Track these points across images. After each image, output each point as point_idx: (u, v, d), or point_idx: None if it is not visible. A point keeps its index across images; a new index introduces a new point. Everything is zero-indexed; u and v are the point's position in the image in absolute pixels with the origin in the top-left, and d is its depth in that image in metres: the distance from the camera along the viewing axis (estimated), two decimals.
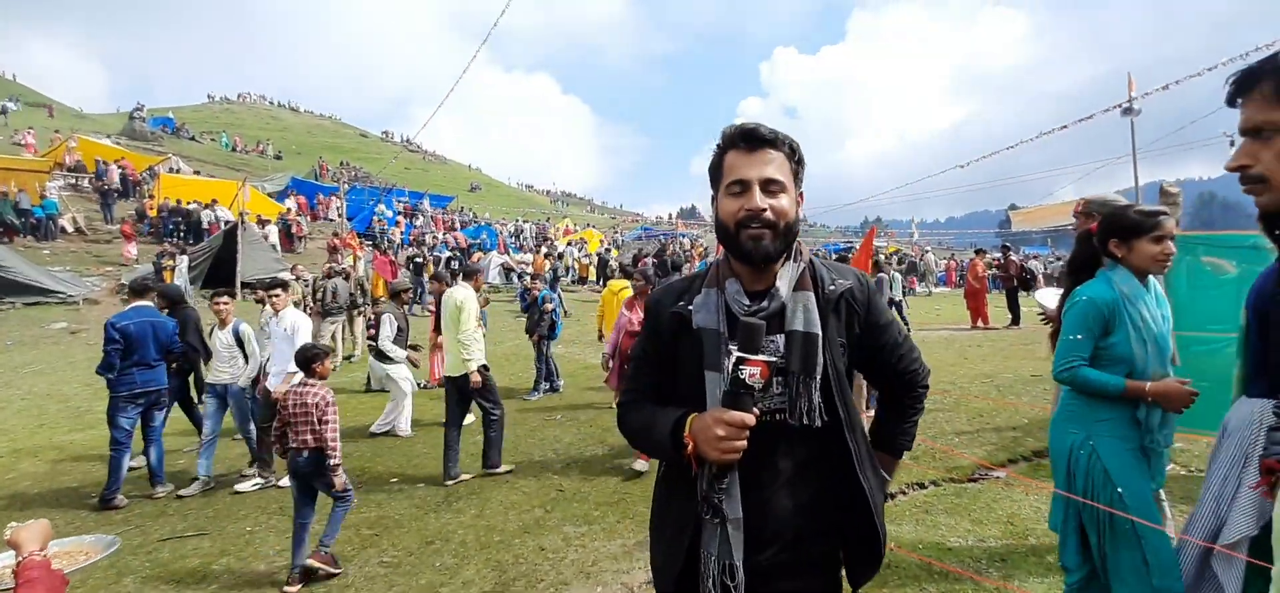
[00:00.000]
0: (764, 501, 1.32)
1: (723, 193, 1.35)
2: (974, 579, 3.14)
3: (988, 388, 7.55)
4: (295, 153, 50.34)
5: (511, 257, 24.21)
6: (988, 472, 4.61)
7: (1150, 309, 2.17)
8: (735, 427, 1.18)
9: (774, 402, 1.30)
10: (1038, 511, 3.93)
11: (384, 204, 28.19)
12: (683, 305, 1.40)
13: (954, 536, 3.65)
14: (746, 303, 1.34)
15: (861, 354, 1.44)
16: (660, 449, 1.38)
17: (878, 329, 1.44)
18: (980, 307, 13.79)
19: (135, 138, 37.40)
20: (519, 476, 5.25)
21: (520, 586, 3.52)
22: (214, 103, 69.69)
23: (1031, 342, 10.54)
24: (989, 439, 5.50)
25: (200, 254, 16.26)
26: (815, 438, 1.32)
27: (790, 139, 1.35)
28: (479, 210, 40.26)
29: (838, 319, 1.38)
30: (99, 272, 18.20)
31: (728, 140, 1.36)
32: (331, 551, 3.73)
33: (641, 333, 1.55)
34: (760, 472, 1.31)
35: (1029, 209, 31.62)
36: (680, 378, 1.39)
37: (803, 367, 1.30)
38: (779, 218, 1.30)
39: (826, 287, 1.37)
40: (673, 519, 1.39)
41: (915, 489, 4.39)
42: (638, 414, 1.47)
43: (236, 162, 39.03)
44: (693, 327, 1.36)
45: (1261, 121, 1.03)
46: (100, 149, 26.87)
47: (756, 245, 1.29)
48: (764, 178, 1.30)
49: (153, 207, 21.95)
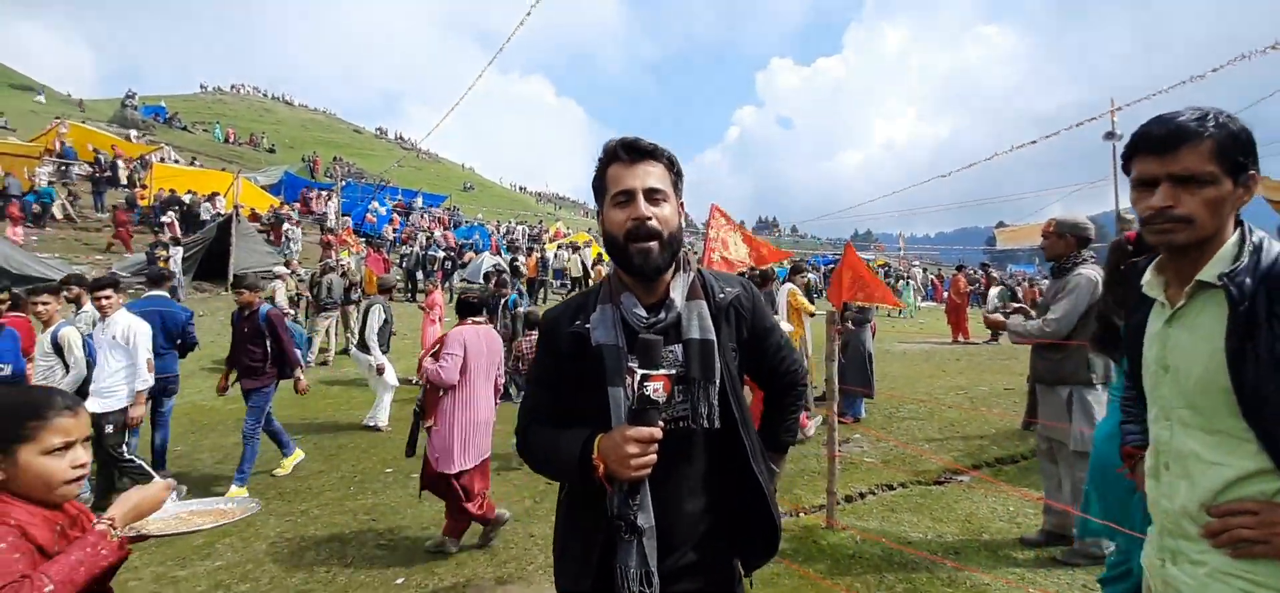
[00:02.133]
0: (675, 506, 1.36)
1: (609, 204, 1.38)
2: (930, 560, 3.43)
3: (962, 399, 7.87)
4: (288, 146, 50.19)
5: (503, 257, 24.37)
6: (953, 475, 4.91)
7: None
8: (644, 442, 1.21)
9: (677, 410, 1.33)
10: (994, 510, 4.23)
11: (377, 201, 28.30)
12: (580, 324, 1.41)
13: (915, 531, 3.94)
14: (643, 316, 1.37)
15: (748, 357, 1.50)
16: (566, 472, 1.39)
17: (763, 333, 1.52)
18: (961, 321, 14.18)
19: (127, 125, 37.19)
20: (510, 470, 5.48)
21: (511, 568, 3.76)
22: (206, 93, 69.24)
23: (1008, 357, 10.91)
24: (957, 446, 5.81)
25: (193, 246, 16.38)
26: (714, 440, 1.38)
27: (668, 152, 1.42)
28: (471, 211, 40.36)
29: (728, 325, 1.43)
30: (89, 260, 18.18)
31: (609, 154, 1.40)
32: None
33: (538, 354, 1.55)
34: (669, 479, 1.34)
35: (1014, 227, 32.26)
36: (581, 396, 1.39)
37: (702, 373, 1.34)
38: (663, 226, 1.34)
39: (717, 295, 1.44)
40: (580, 537, 1.39)
41: (884, 490, 4.68)
42: (539, 438, 1.46)
43: (229, 153, 38.89)
44: (592, 344, 1.37)
45: (1199, 171, 1.17)
46: (92, 136, 26.75)
47: (645, 260, 1.33)
48: (647, 187, 1.35)
49: (145, 196, 21.92)
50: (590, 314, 1.41)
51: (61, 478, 1.31)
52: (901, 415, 7.02)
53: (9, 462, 1.25)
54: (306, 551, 3.99)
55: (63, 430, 1.31)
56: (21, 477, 1.27)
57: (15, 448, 1.26)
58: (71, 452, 1.33)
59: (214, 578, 3.65)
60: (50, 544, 1.27)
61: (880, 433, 6.26)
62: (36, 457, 1.27)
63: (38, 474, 1.28)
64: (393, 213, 28.33)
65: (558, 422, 1.43)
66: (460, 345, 3.90)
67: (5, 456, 1.25)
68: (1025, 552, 3.63)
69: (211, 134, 45.19)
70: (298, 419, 7.11)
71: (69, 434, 1.32)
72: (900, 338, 14.80)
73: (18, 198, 18.47)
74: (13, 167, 20.46)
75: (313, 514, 4.58)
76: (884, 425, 6.59)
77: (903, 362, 11.23)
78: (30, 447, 1.27)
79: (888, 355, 11.76)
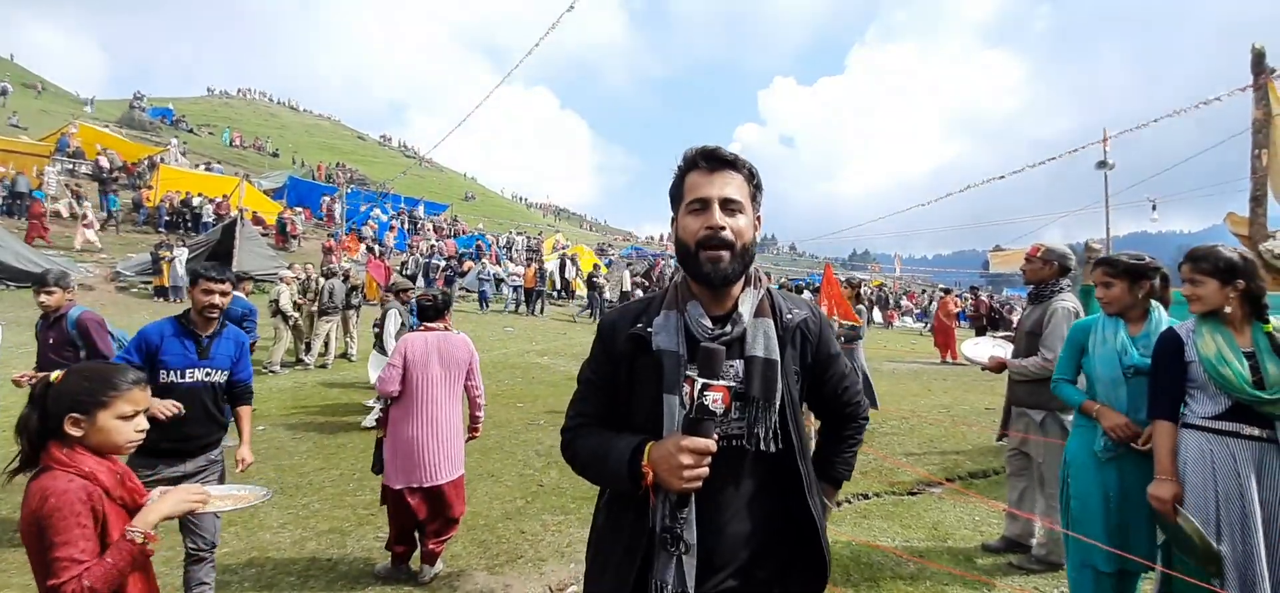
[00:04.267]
0: (718, 526, 1.31)
1: (683, 211, 1.37)
2: (895, 561, 3.65)
3: (944, 416, 8.11)
4: (292, 151, 50.66)
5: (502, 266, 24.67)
6: (926, 487, 5.15)
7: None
8: (699, 454, 1.17)
9: (732, 427, 1.30)
10: (960, 519, 4.47)
11: (380, 209, 28.63)
12: (641, 327, 1.38)
13: (884, 536, 4.17)
14: (709, 326, 1.34)
15: (811, 383, 1.47)
16: (615, 479, 1.33)
17: (828, 360, 1.48)
18: (949, 342, 14.45)
19: (134, 127, 37.63)
20: (502, 472, 5.70)
21: (501, 561, 3.97)
22: (213, 96, 69.94)
23: (993, 378, 11.12)
24: (933, 460, 6.05)
25: (198, 247, 16.64)
26: (768, 464, 1.33)
27: (749, 163, 1.37)
28: (472, 221, 40.72)
29: (794, 348, 1.40)
30: (93, 258, 18.42)
31: (689, 161, 1.38)
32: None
33: (592, 355, 1.50)
34: (715, 497, 1.30)
35: (1007, 251, 32.62)
36: (635, 401, 1.37)
37: (763, 393, 1.30)
38: (737, 238, 1.32)
39: (784, 316, 1.40)
40: (621, 545, 1.35)
41: (859, 499, 4.92)
42: (587, 441, 1.41)
43: (233, 157, 39.30)
44: (652, 348, 1.34)
45: None
46: (101, 136, 27.09)
47: (715, 267, 1.31)
48: (723, 197, 1.32)
49: (151, 197, 22.22)
50: (653, 318, 1.38)
51: (126, 439, 1.59)
52: (884, 430, 7.26)
53: (90, 423, 1.51)
54: (308, 541, 4.21)
55: (134, 400, 1.59)
56: (96, 436, 1.53)
57: (97, 412, 1.52)
58: (137, 419, 1.60)
59: (219, 563, 3.86)
60: (113, 488, 1.54)
61: (863, 446, 6.49)
62: (112, 420, 1.54)
63: (109, 434, 1.55)
64: (393, 221, 28.67)
65: (607, 425, 1.41)
66: (400, 356, 3.60)
67: (88, 417, 1.51)
68: (985, 557, 3.86)
69: (219, 137, 45.66)
70: (298, 420, 7.34)
71: (138, 404, 1.60)
72: (890, 358, 15.05)
73: (36, 198, 18.69)
74: (23, 166, 20.78)
75: (314, 508, 4.79)
76: (867, 439, 6.82)
77: (891, 380, 11.48)
78: (107, 412, 1.53)
79: (877, 374, 11.97)
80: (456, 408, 3.77)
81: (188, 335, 2.99)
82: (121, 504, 1.56)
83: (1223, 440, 2.19)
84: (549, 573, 3.79)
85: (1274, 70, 6.07)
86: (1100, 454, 2.57)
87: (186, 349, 2.97)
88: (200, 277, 3.00)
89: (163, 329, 2.97)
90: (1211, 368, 2.19)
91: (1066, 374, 2.80)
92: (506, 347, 13.39)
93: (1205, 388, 2.23)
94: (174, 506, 1.64)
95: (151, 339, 2.93)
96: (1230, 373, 2.15)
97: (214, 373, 3.04)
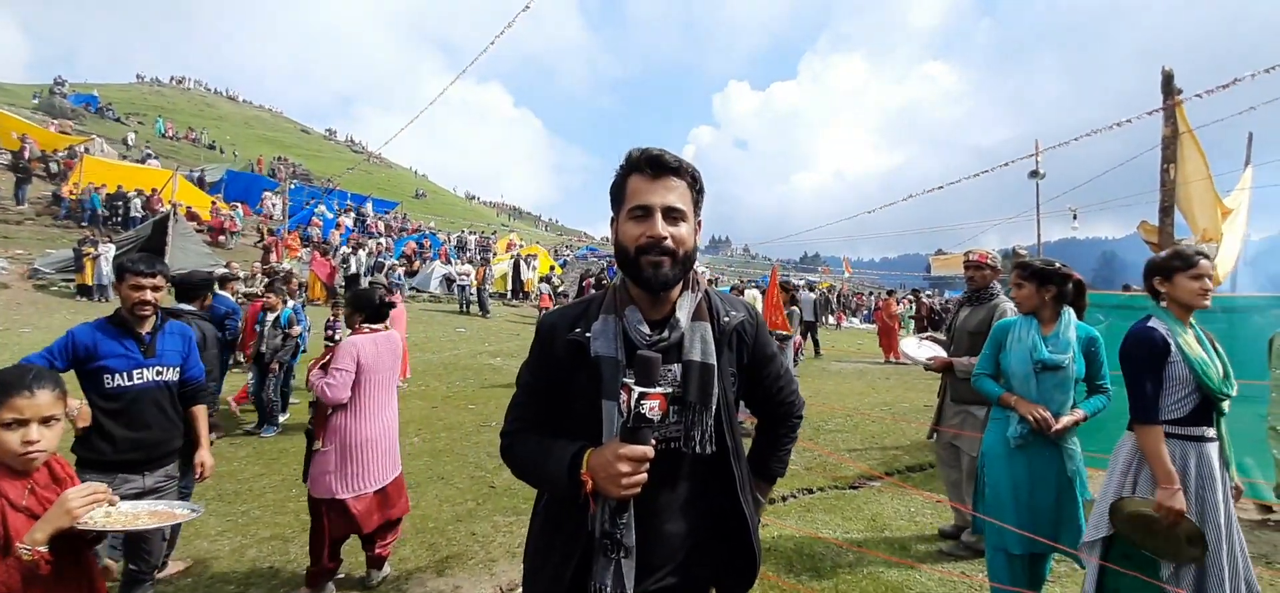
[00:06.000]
0: (656, 527, 1.33)
1: (625, 216, 1.34)
2: (835, 551, 3.82)
3: (885, 413, 8.45)
4: (231, 144, 48.36)
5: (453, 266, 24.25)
6: (866, 481, 5.37)
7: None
8: (637, 461, 1.18)
9: (669, 430, 1.30)
10: (897, 510, 4.69)
11: (325, 205, 27.67)
12: (579, 332, 1.36)
13: (827, 529, 4.34)
14: (646, 332, 1.33)
15: (748, 383, 1.48)
16: (552, 483, 1.33)
17: (764, 360, 1.49)
18: (892, 342, 15.01)
19: (54, 114, 35.17)
20: (453, 474, 5.64)
21: (452, 563, 3.95)
22: (144, 83, 66.09)
23: (934, 377, 11.64)
24: (873, 456, 6.31)
25: (126, 243, 15.73)
26: (704, 465, 1.36)
27: (693, 168, 1.36)
28: (423, 218, 39.81)
29: (731, 350, 1.40)
30: (7, 255, 17.18)
31: (632, 164, 1.34)
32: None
33: (530, 355, 1.48)
34: (653, 500, 1.30)
35: (947, 256, 34.11)
36: (573, 406, 1.36)
37: (700, 397, 1.31)
38: (679, 246, 1.30)
39: (722, 318, 1.40)
40: (558, 549, 1.35)
41: (803, 494, 5.09)
42: (526, 446, 1.40)
43: (166, 148, 37.24)
44: (590, 354, 1.33)
45: None
46: (16, 123, 25.23)
47: (656, 272, 1.29)
48: (666, 205, 1.30)
49: (72, 190, 20.86)
50: (591, 323, 1.37)
51: (8, 451, 1.47)
52: (828, 428, 7.51)
53: None
54: (248, 548, 4.08)
55: (15, 409, 1.46)
56: None
57: None
58: (26, 429, 1.47)
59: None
60: (19, 499, 1.46)
61: (807, 443, 6.71)
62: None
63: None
64: (339, 218, 27.76)
65: (545, 429, 1.40)
66: (352, 360, 3.40)
67: None
68: (920, 545, 4.07)
69: (152, 127, 43.16)
70: (236, 426, 7.06)
71: (22, 412, 1.47)
72: (837, 357, 15.54)
73: None
74: None
75: (253, 515, 4.64)
76: (811, 436, 7.05)
77: (836, 378, 11.86)
78: None
79: (823, 373, 12.40)
80: (396, 404, 3.78)
81: (127, 334, 2.70)
82: (30, 515, 1.45)
83: (1195, 446, 2.31)
84: (500, 574, 3.79)
85: (1181, 91, 6.60)
86: (1012, 441, 2.76)
87: (128, 349, 2.67)
88: (127, 271, 2.67)
89: (96, 330, 2.67)
90: (1201, 369, 2.28)
91: (987, 369, 3.00)
92: (458, 347, 13.18)
93: (1173, 391, 2.32)
94: (65, 517, 1.43)
95: (82, 341, 2.62)
96: (1214, 374, 2.30)
97: (165, 371, 2.76)
